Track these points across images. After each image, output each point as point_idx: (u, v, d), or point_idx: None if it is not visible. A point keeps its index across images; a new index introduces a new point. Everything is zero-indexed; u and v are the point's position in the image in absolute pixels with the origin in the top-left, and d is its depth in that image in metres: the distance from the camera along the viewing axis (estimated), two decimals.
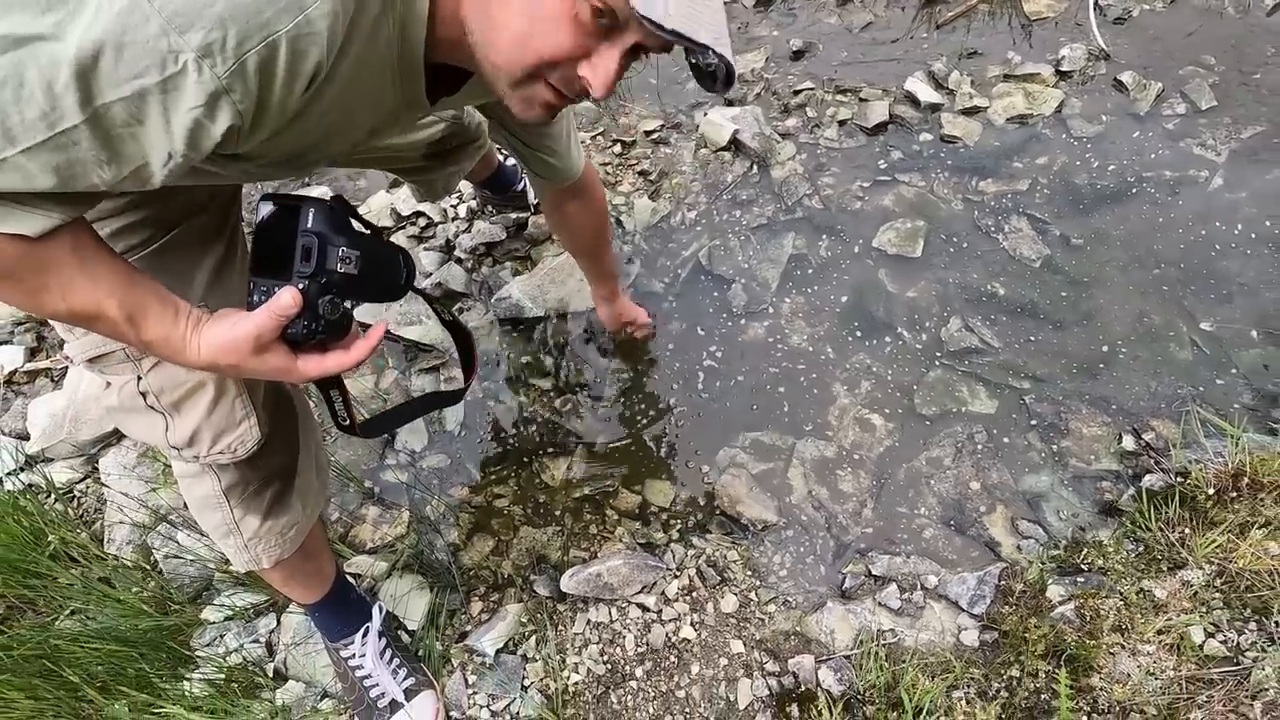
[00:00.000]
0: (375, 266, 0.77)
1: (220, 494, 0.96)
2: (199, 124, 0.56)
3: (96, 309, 0.64)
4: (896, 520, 1.35)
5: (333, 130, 0.71)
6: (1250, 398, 1.36)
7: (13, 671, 1.19)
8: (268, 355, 0.69)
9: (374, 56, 0.65)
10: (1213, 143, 1.73)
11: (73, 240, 0.62)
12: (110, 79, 0.52)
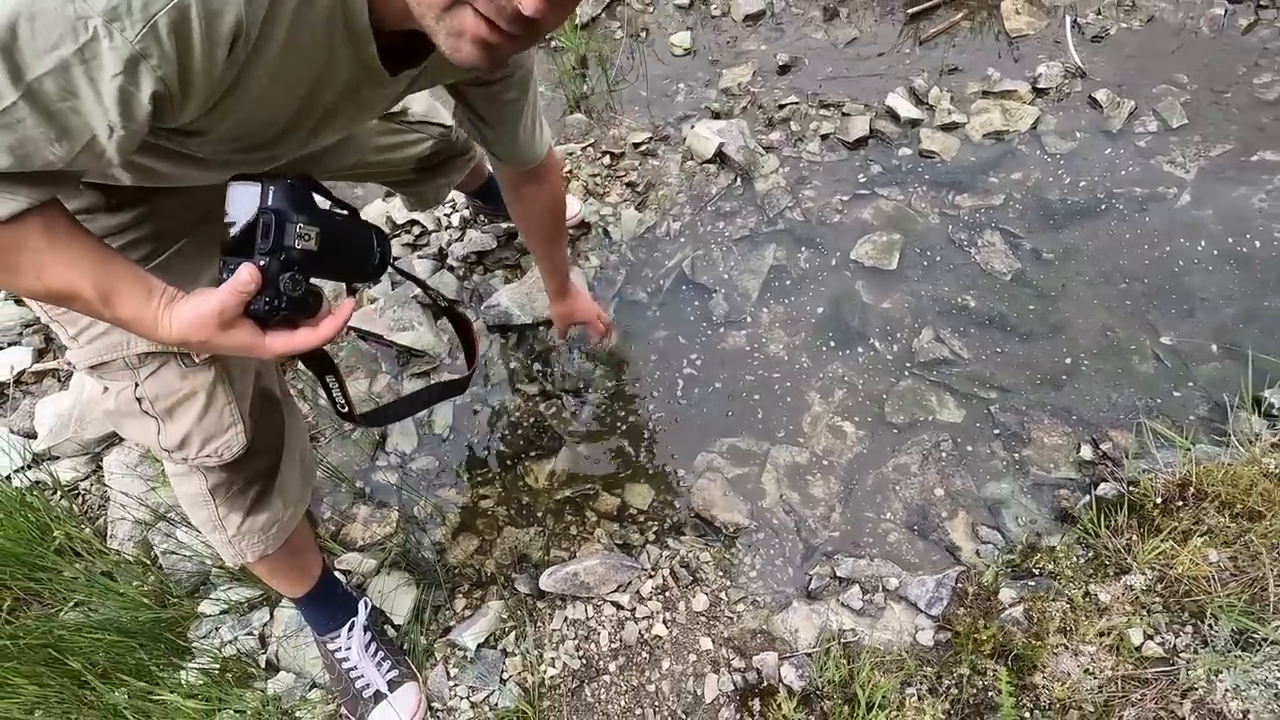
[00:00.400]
0: (338, 244, 0.78)
1: (206, 492, 1.02)
2: (125, 91, 0.57)
3: (71, 288, 0.69)
4: (863, 524, 1.41)
5: (282, 103, 0.72)
6: (1206, 410, 1.41)
7: (19, 659, 1.26)
8: (234, 331, 0.72)
9: (312, 20, 0.65)
10: (1182, 160, 1.78)
11: (43, 222, 0.65)
12: (32, 52, 0.55)
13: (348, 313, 0.78)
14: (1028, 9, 2.14)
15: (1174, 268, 1.62)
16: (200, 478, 1.00)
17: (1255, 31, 1.96)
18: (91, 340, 0.89)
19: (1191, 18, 2.01)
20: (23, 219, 0.63)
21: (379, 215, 1.98)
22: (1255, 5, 1.99)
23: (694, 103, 2.15)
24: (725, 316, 1.72)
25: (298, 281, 0.73)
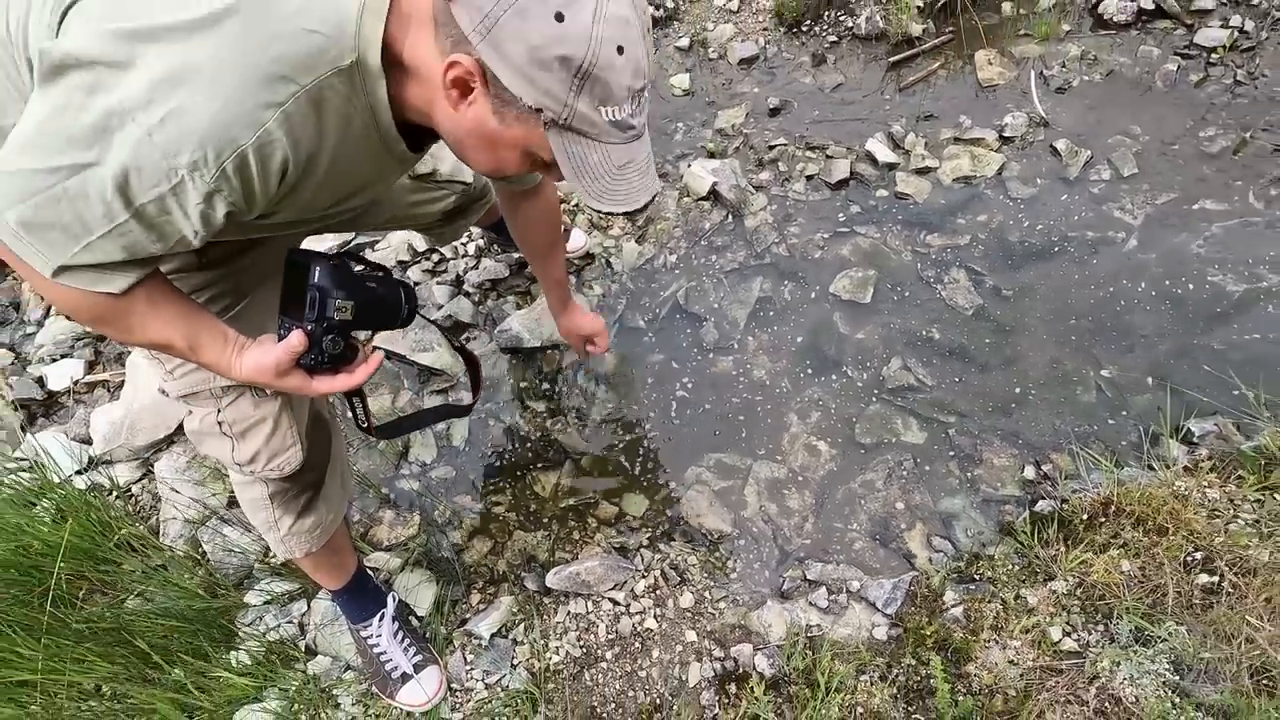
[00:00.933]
0: (371, 309, 0.98)
1: (266, 499, 1.21)
2: (206, 212, 0.77)
3: (167, 340, 0.90)
4: (832, 533, 1.60)
5: (332, 194, 0.92)
6: (1136, 437, 1.60)
7: (93, 640, 1.45)
8: (287, 378, 0.93)
9: (351, 138, 0.83)
10: (1131, 207, 1.96)
11: (146, 293, 0.85)
12: (138, 189, 0.74)
13: (377, 363, 1.00)
14: (999, 60, 2.33)
15: (1117, 306, 1.81)
16: (262, 486, 1.19)
17: (1204, 87, 2.14)
18: (184, 375, 1.09)
19: (1147, 73, 2.20)
20: (131, 291, 0.83)
21: (401, 242, 2.17)
22: (1205, 63, 2.18)
23: (691, 142, 2.34)
24: (715, 343, 1.91)
25: (337, 342, 0.94)
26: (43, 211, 0.75)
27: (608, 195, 0.82)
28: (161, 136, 0.71)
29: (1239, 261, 1.82)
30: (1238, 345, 1.69)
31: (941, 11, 2.44)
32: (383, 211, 1.41)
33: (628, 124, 0.79)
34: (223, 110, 0.71)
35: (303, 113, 0.76)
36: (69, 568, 1.54)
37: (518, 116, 0.78)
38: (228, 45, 0.71)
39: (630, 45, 0.75)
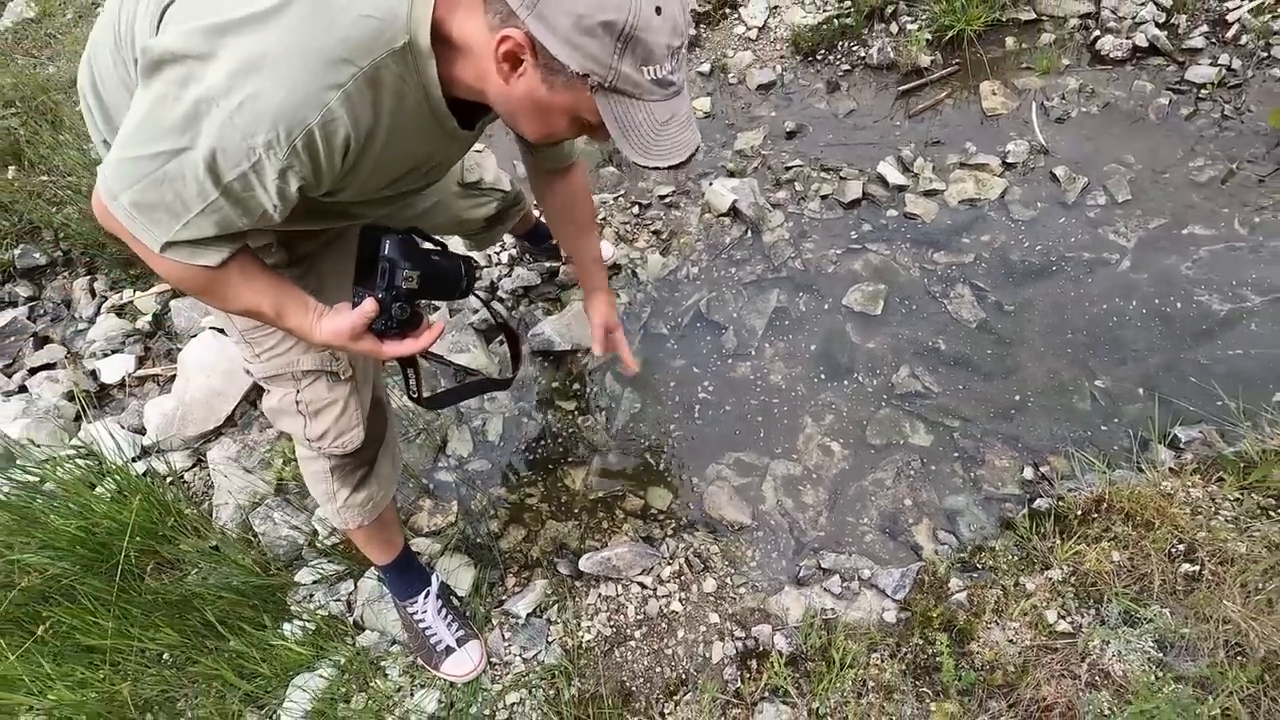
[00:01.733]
0: (433, 280, 1.07)
1: (327, 472, 1.34)
2: (281, 187, 0.87)
3: (257, 308, 1.01)
4: (845, 526, 1.71)
5: (392, 170, 1.00)
6: (1127, 442, 1.72)
7: (163, 611, 1.56)
8: (361, 341, 1.03)
9: (405, 114, 0.91)
10: (1124, 230, 2.10)
11: (239, 265, 0.97)
12: (225, 168, 0.85)
13: (439, 330, 1.10)
14: (1003, 91, 2.48)
15: (1111, 322, 1.94)
16: (325, 461, 1.32)
17: (1194, 120, 2.29)
18: (270, 359, 1.21)
19: (1141, 105, 2.34)
20: (226, 264, 0.95)
21: None
22: (1195, 97, 2.33)
23: (712, 161, 2.49)
24: (734, 350, 2.04)
25: (404, 309, 1.04)
26: (149, 193, 0.86)
27: (654, 150, 0.88)
28: (240, 120, 0.81)
29: (1224, 283, 1.95)
30: (1222, 360, 1.82)
31: (949, 44, 2.59)
32: (439, 215, 1.55)
33: (668, 80, 0.85)
34: (290, 94, 0.81)
35: (361, 92, 0.84)
36: (135, 545, 1.66)
37: (566, 83, 0.84)
38: (292, 33, 0.80)
39: (667, 4, 0.80)
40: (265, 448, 2.01)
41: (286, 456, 1.97)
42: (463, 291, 1.17)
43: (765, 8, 2.80)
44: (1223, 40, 2.42)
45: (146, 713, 1.52)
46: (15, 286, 2.65)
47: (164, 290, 2.48)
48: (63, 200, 2.65)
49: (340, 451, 1.29)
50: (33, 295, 2.65)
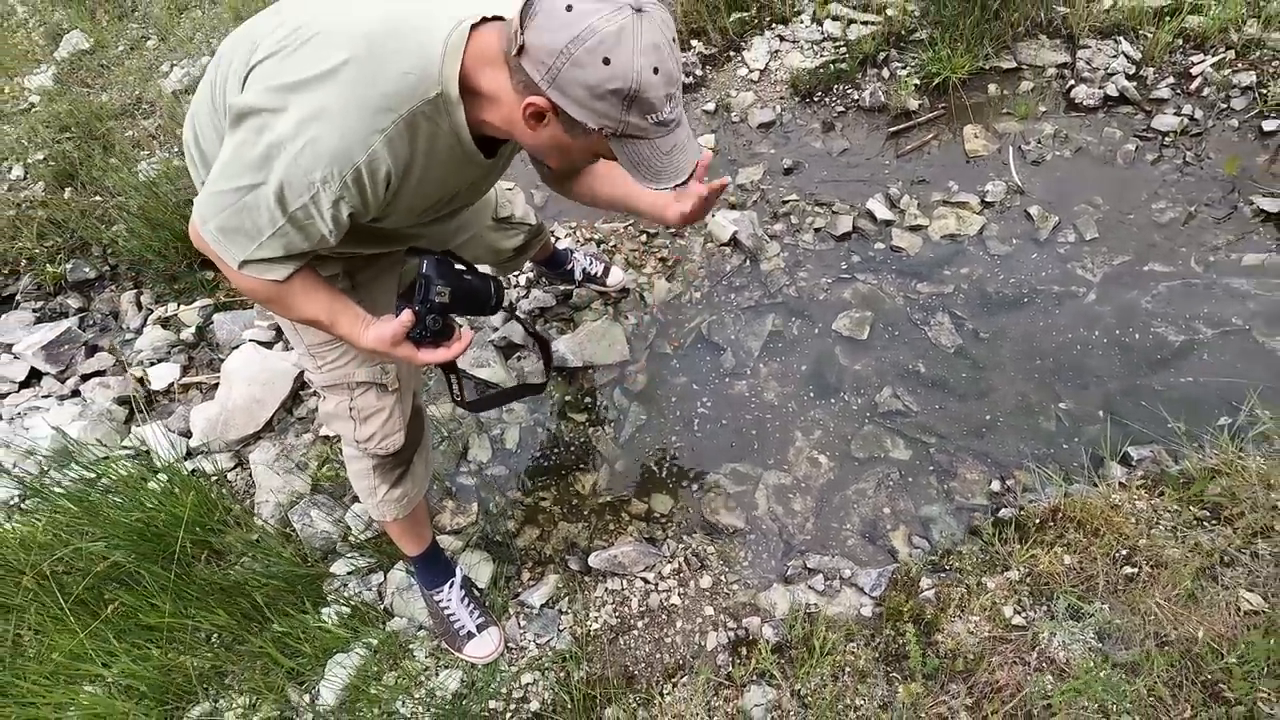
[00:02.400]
0: (464, 296, 1.23)
1: (370, 470, 1.52)
2: (335, 215, 1.04)
3: (315, 317, 1.19)
4: (829, 531, 1.89)
5: (428, 198, 1.17)
6: (1085, 459, 1.90)
7: (215, 595, 1.74)
8: (399, 348, 1.17)
9: (440, 150, 1.08)
10: (1091, 266, 2.29)
11: (301, 281, 1.14)
12: (290, 200, 1.03)
13: (469, 340, 1.22)
14: (984, 134, 2.69)
15: (1075, 350, 2.12)
16: (369, 460, 1.50)
17: (1158, 165, 2.49)
18: (330, 371, 1.41)
19: (1110, 151, 2.55)
20: (290, 280, 1.13)
21: None
22: (1160, 144, 2.53)
23: None
24: (732, 369, 2.22)
25: (437, 320, 1.18)
26: (231, 219, 1.06)
27: (663, 176, 1.03)
28: (303, 160, 0.99)
29: (1180, 316, 2.14)
30: (1175, 386, 2.00)
31: (936, 90, 2.81)
32: (474, 244, 1.75)
33: (668, 120, 0.99)
34: (343, 139, 0.98)
35: (401, 134, 1.01)
36: (188, 536, 1.84)
37: (584, 133, 0.99)
38: (346, 88, 0.98)
39: (663, 63, 0.94)
40: (302, 451, 2.20)
41: (321, 460, 2.16)
42: (491, 309, 1.33)
43: (767, 52, 3.02)
44: (1187, 92, 2.63)
45: (199, 685, 1.69)
46: (66, 298, 2.86)
47: (206, 304, 2.69)
48: (112, 219, 2.87)
49: (383, 452, 1.48)
50: (82, 307, 2.86)
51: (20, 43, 3.60)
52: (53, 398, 2.54)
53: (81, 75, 3.41)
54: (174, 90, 3.25)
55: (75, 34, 3.53)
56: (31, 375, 2.63)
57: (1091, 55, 2.76)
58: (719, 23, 3.08)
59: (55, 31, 3.61)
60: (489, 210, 1.77)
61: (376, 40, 1.00)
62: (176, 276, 2.76)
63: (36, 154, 3.10)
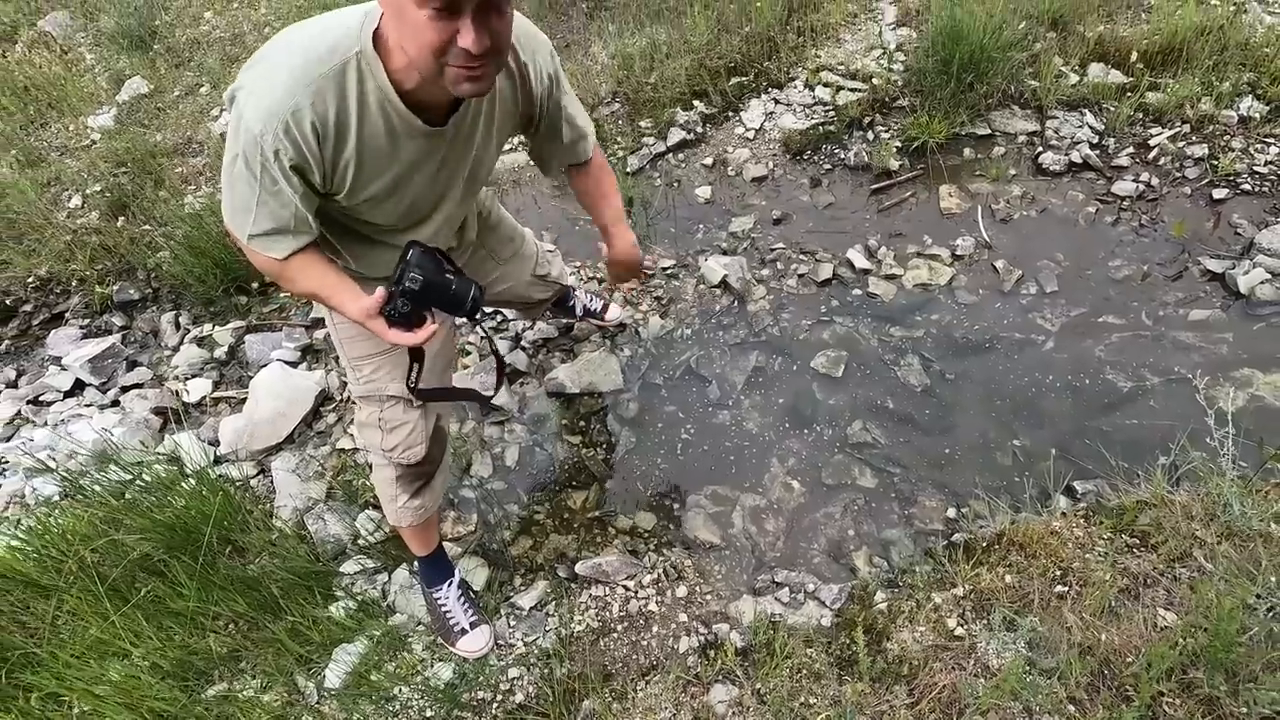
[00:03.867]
0: (437, 290, 1.25)
1: (393, 479, 1.71)
2: (284, 171, 1.12)
3: (312, 290, 1.30)
4: (798, 550, 2.06)
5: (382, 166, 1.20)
6: (1036, 493, 2.06)
7: (235, 586, 1.93)
8: (373, 321, 1.23)
9: (373, 111, 1.14)
10: (1050, 317, 2.49)
11: (300, 260, 1.25)
12: (252, 162, 1.12)
13: (431, 331, 1.28)
14: (958, 193, 2.92)
15: (1032, 392, 2.31)
16: (393, 469, 1.70)
17: (1117, 227, 2.70)
18: (365, 384, 1.61)
19: (1072, 212, 2.77)
20: (289, 259, 1.28)
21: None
22: (1118, 208, 2.75)
23: (709, 240, 2.93)
24: (717, 400, 2.42)
25: (405, 304, 1.23)
26: (232, 197, 1.21)
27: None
28: (247, 121, 1.11)
29: (1129, 365, 2.32)
30: (1121, 428, 2.18)
31: (915, 152, 3.06)
32: (510, 291, 1.98)
33: None
34: (272, 97, 1.10)
35: (323, 90, 1.10)
36: (214, 531, 2.03)
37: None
38: (282, 58, 1.12)
39: None
40: (319, 462, 2.40)
41: (336, 470, 2.36)
42: (466, 313, 1.33)
43: (762, 114, 3.30)
44: (1145, 161, 2.87)
45: (217, 666, 1.86)
46: (112, 317, 3.12)
47: (239, 326, 2.93)
48: (158, 245, 3.14)
49: (405, 462, 1.67)
50: (125, 325, 3.11)
51: (87, 85, 3.95)
52: (94, 407, 2.77)
53: (139, 116, 3.74)
54: (221, 132, 3.56)
55: (136, 79, 3.88)
56: (75, 386, 2.87)
57: (1059, 125, 3.01)
58: (719, 86, 3.37)
59: (119, 77, 3.96)
60: (529, 266, 2.01)
61: (316, 25, 1.16)
62: (212, 300, 3.01)
63: (94, 185, 3.41)
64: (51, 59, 4.19)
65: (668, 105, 3.34)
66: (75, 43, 4.36)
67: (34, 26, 4.45)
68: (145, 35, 4.11)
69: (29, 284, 3.19)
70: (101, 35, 4.25)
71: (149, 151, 3.46)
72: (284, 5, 4.19)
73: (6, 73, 4.07)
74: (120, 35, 4.11)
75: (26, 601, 1.97)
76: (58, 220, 3.30)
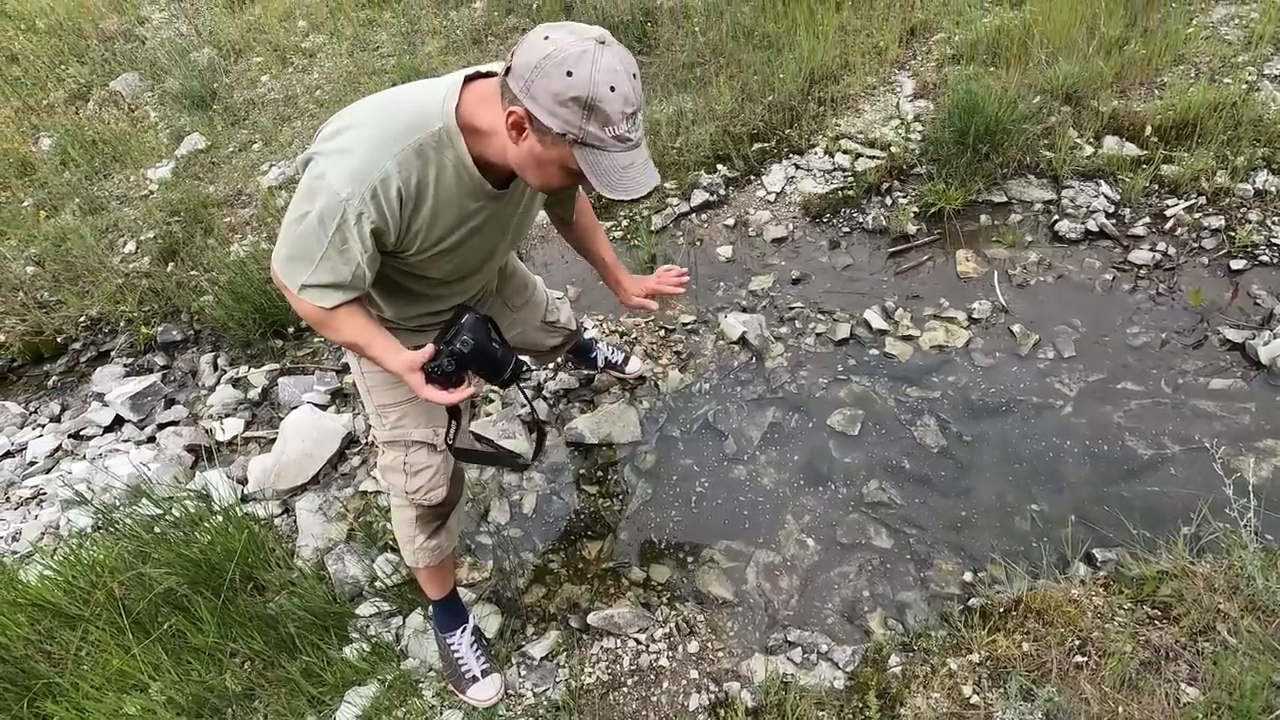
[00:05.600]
0: (483, 355, 1.33)
1: (412, 519, 1.76)
2: (362, 233, 1.21)
3: (354, 340, 1.36)
4: (811, 609, 2.04)
5: (451, 225, 1.31)
6: (1055, 559, 2.04)
7: (254, 625, 1.96)
8: (413, 375, 1.30)
9: (448, 177, 1.25)
10: (1068, 381, 2.50)
11: (347, 311, 1.32)
12: (328, 222, 1.19)
13: (467, 394, 1.35)
14: (974, 258, 2.98)
15: (1050, 457, 2.30)
16: (413, 510, 1.74)
17: (1134, 295, 2.73)
18: (391, 429, 1.67)
19: (1089, 279, 2.80)
20: (337, 309, 1.36)
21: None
22: (1135, 276, 2.78)
23: (729, 298, 3.00)
24: (733, 454, 2.45)
25: (450, 363, 1.30)
26: (293, 248, 1.30)
27: (619, 188, 1.15)
28: (334, 184, 1.19)
29: (1149, 432, 2.31)
30: (1141, 496, 2.15)
31: (932, 217, 3.13)
32: (521, 337, 2.06)
33: (625, 137, 1.12)
34: (362, 164, 1.19)
35: (409, 160, 1.21)
36: (237, 568, 2.08)
37: (553, 141, 1.13)
38: (369, 130, 1.21)
39: (619, 84, 1.08)
40: (342, 503, 2.45)
41: (357, 512, 2.41)
42: (504, 380, 1.42)
43: (783, 178, 3.42)
44: (1161, 230, 2.91)
45: (232, 704, 1.88)
46: (154, 356, 3.26)
47: (273, 369, 3.04)
48: (202, 290, 3.30)
49: (427, 504, 1.72)
50: (166, 365, 3.24)
51: (149, 141, 4.23)
52: (131, 442, 2.88)
53: (195, 169, 3.98)
54: (270, 186, 3.78)
55: (195, 136, 4.15)
56: (115, 422, 2.99)
57: (1075, 194, 3.08)
58: (742, 150, 3.51)
59: (179, 133, 4.24)
60: (540, 313, 2.10)
61: (392, 99, 1.29)
62: (250, 343, 3.14)
63: (148, 232, 3.61)
64: (119, 116, 4.50)
65: (692, 168, 3.48)
66: (142, 101, 4.69)
67: (106, 86, 4.80)
68: (206, 96, 4.41)
69: (80, 323, 3.36)
70: (166, 95, 4.57)
71: (201, 202, 3.67)
72: (336, 70, 4.48)
73: (77, 128, 4.37)
74: (183, 96, 4.42)
75: (53, 631, 2.03)
76: (112, 264, 3.50)
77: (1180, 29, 3.54)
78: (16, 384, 3.30)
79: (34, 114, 4.66)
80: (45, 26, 5.34)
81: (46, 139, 4.43)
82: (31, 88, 4.88)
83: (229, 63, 4.79)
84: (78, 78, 4.91)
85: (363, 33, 4.71)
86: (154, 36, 5.27)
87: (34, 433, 3.02)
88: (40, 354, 3.35)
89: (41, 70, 4.99)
